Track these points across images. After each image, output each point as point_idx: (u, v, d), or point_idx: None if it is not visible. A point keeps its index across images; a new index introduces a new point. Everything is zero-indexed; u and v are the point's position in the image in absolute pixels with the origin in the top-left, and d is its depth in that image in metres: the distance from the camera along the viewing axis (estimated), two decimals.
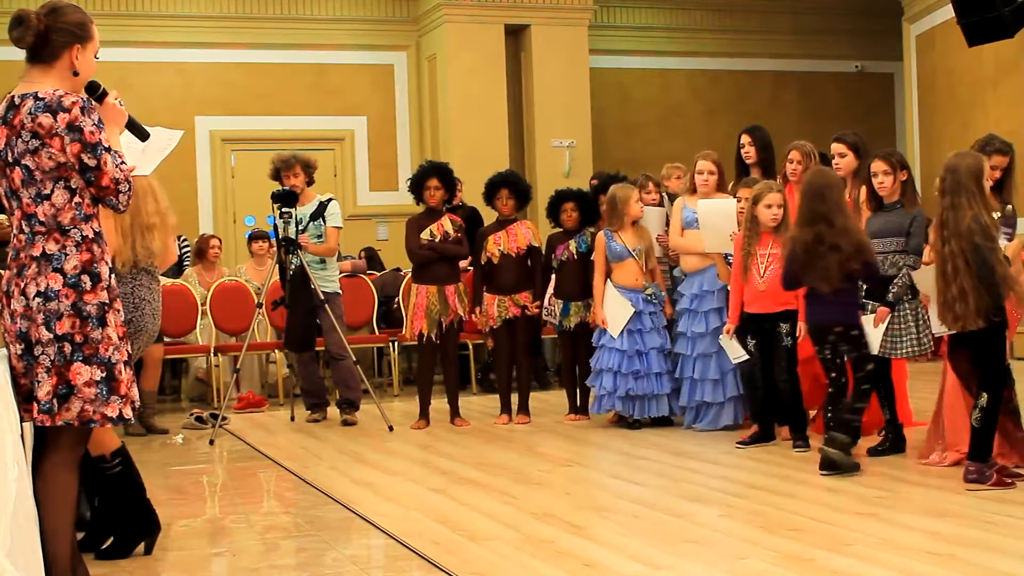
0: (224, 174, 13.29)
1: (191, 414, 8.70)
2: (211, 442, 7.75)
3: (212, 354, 9.80)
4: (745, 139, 7.52)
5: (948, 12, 10.76)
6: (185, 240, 11.25)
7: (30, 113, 3.55)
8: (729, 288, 6.84)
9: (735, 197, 7.08)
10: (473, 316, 8.08)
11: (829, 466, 5.66)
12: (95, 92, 3.79)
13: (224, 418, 8.21)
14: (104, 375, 3.61)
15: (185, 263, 10.89)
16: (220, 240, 11.14)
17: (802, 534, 4.54)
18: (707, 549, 4.40)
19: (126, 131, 3.90)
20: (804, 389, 6.64)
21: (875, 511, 4.93)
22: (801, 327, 6.41)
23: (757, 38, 15.38)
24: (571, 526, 4.84)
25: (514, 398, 8.13)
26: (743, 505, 5.17)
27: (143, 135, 4.00)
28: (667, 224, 7.93)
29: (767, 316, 6.52)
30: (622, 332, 7.47)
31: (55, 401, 3.58)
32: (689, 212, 7.36)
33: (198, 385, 10.44)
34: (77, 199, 3.61)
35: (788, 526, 4.69)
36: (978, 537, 4.44)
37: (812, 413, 7.07)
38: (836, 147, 6.85)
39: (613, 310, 7.52)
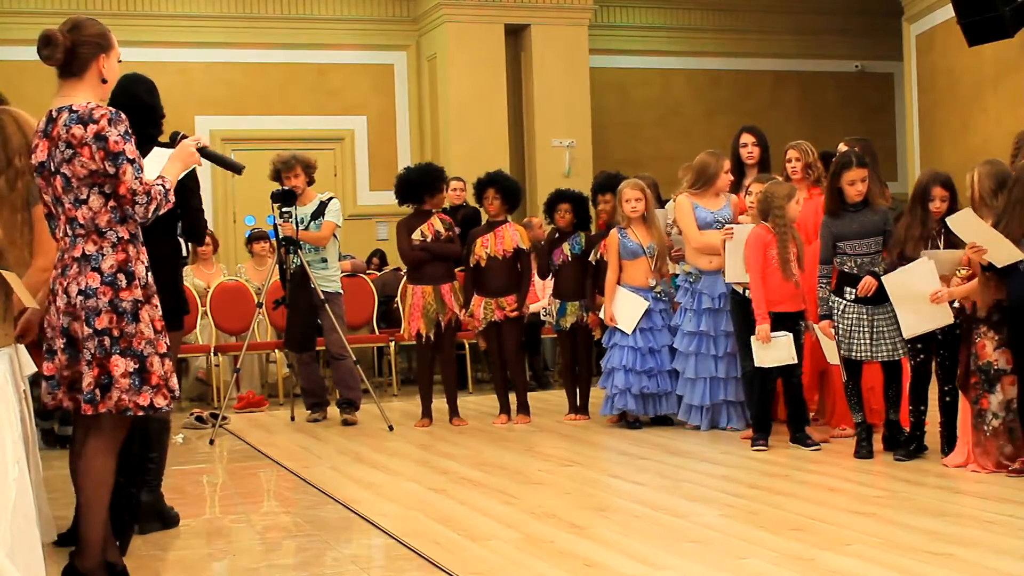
0: (224, 174, 13.26)
1: (191, 414, 8.70)
2: (211, 442, 7.76)
3: (212, 354, 9.80)
4: (748, 138, 7.48)
5: (948, 12, 10.77)
6: None
7: (65, 125, 3.78)
8: (752, 291, 6.56)
9: (747, 193, 7.07)
10: (463, 316, 8.09)
11: None
12: (173, 140, 4.21)
13: (224, 418, 8.22)
14: (137, 367, 3.83)
15: (185, 259, 10.89)
16: (211, 235, 11.02)
17: (802, 534, 4.54)
18: (707, 549, 4.40)
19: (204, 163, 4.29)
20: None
21: (875, 511, 4.93)
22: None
23: (757, 38, 15.38)
24: (571, 526, 4.84)
25: (513, 398, 8.14)
26: (743, 505, 5.17)
27: (237, 169, 4.46)
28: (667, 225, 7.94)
29: (793, 314, 6.54)
30: (636, 329, 7.46)
31: (97, 391, 3.79)
32: (704, 212, 7.32)
33: (198, 385, 10.44)
34: (112, 203, 3.82)
35: (788, 526, 4.69)
36: (978, 537, 4.44)
37: (812, 412, 7.11)
38: (840, 147, 6.91)
39: (625, 308, 7.51)
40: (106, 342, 3.77)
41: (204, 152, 4.17)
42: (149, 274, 3.92)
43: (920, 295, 5.75)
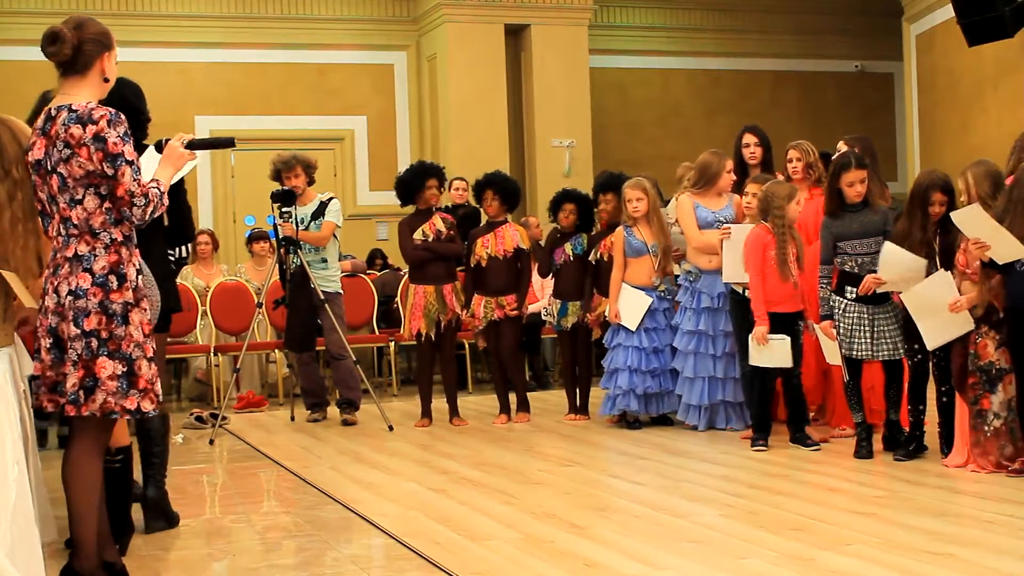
0: (224, 174, 13.29)
1: (191, 414, 8.70)
2: (211, 442, 7.76)
3: (212, 354, 9.80)
4: (751, 138, 7.48)
5: (948, 12, 10.76)
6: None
7: (63, 124, 3.77)
8: (752, 291, 6.56)
9: (743, 193, 7.07)
10: (463, 316, 8.09)
11: None
12: (159, 149, 4.16)
13: (224, 418, 8.22)
14: (125, 370, 3.79)
15: (184, 259, 10.90)
16: (210, 235, 11.03)
17: (802, 534, 4.54)
18: (707, 549, 4.40)
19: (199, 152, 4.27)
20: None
21: (875, 511, 4.93)
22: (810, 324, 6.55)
23: (757, 38, 15.38)
24: (571, 526, 4.84)
25: (513, 397, 8.14)
26: (743, 505, 5.17)
27: (228, 143, 4.43)
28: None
29: (792, 315, 6.54)
30: (640, 328, 7.47)
31: (81, 393, 3.76)
32: (705, 212, 7.31)
33: (198, 385, 10.44)
34: (107, 204, 3.80)
35: (788, 526, 4.69)
36: (978, 537, 4.44)
37: (813, 412, 7.11)
38: (839, 145, 6.94)
39: (629, 305, 7.52)
40: (93, 344, 3.75)
41: (193, 145, 4.14)
42: (140, 277, 3.89)
43: (939, 306, 5.74)
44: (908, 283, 5.87)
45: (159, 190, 3.85)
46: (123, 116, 3.83)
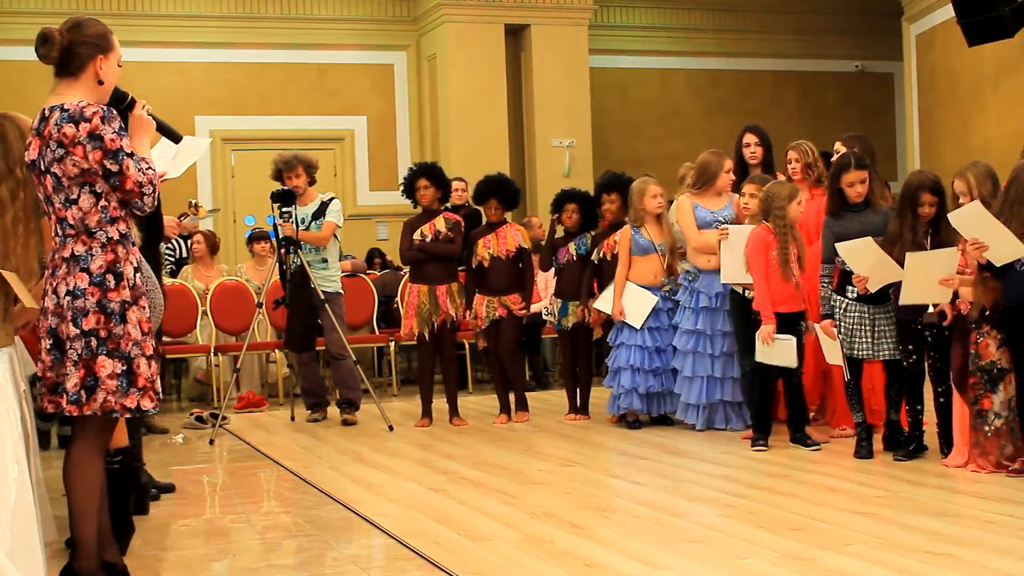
0: (224, 174, 13.30)
1: (191, 414, 8.70)
2: (211, 442, 7.76)
3: (212, 354, 9.80)
4: (751, 138, 7.48)
5: (948, 12, 10.77)
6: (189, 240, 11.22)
7: (56, 124, 3.75)
8: (756, 291, 6.54)
9: (741, 194, 7.06)
10: (466, 316, 8.10)
11: None
12: (122, 103, 4.01)
13: (224, 418, 8.22)
14: (124, 368, 3.78)
15: (185, 259, 10.89)
16: (205, 235, 10.98)
17: (802, 534, 4.54)
18: (707, 549, 4.40)
19: (160, 136, 4.16)
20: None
21: (875, 511, 4.93)
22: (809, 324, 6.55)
23: (757, 38, 15.39)
24: (571, 526, 4.84)
25: (512, 397, 8.14)
26: (743, 505, 5.17)
27: (175, 137, 4.29)
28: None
29: (793, 315, 6.53)
30: (643, 327, 7.47)
31: (83, 392, 3.75)
32: (704, 212, 7.32)
33: (197, 385, 10.44)
34: (103, 203, 3.79)
35: (788, 526, 4.69)
36: (978, 537, 4.44)
37: (812, 412, 7.11)
38: (836, 146, 6.94)
39: (633, 303, 7.52)
40: (92, 343, 3.74)
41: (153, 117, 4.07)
42: (138, 275, 3.88)
43: (931, 275, 5.74)
44: (885, 265, 5.86)
45: (152, 168, 3.83)
46: (115, 112, 3.80)
